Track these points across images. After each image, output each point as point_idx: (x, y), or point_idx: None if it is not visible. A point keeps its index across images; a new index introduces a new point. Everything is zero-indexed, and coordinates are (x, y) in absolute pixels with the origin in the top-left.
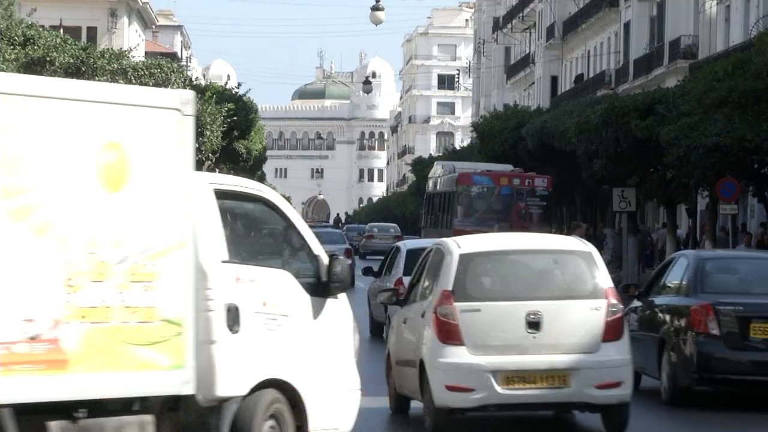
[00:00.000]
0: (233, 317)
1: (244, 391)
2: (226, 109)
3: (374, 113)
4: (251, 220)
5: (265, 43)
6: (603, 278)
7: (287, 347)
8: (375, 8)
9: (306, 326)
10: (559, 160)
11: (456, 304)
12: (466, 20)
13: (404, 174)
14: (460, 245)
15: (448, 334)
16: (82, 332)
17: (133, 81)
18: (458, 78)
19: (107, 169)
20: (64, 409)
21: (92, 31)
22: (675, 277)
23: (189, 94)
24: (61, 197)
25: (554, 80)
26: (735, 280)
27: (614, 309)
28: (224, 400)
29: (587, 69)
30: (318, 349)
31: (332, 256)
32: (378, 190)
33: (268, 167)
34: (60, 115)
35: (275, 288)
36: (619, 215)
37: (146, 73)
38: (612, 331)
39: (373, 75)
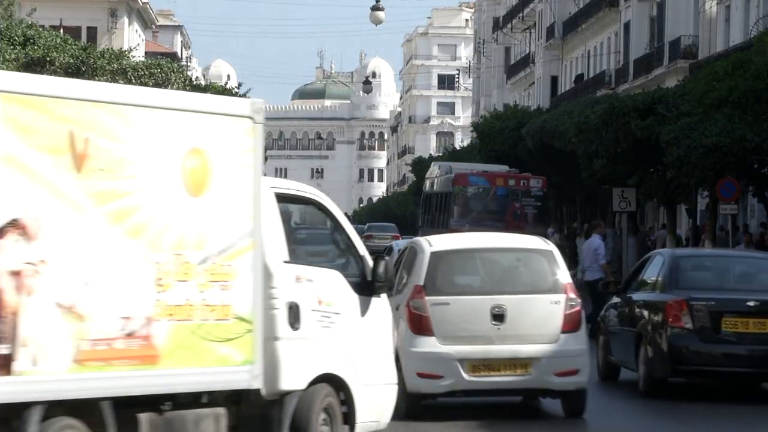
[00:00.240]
0: (294, 315)
1: (304, 386)
2: None
3: (374, 113)
4: (306, 221)
5: (265, 43)
6: (563, 275)
7: (339, 343)
8: (375, 8)
9: (354, 323)
10: (559, 160)
11: (427, 297)
12: (466, 20)
13: (404, 174)
14: (432, 244)
15: (420, 325)
16: (169, 329)
17: (133, 81)
18: (458, 78)
19: (191, 174)
20: (152, 402)
21: (92, 31)
22: (651, 274)
23: (260, 103)
24: (152, 201)
25: (554, 80)
26: (708, 276)
27: (573, 303)
28: (286, 394)
29: (587, 69)
30: (364, 346)
31: (377, 257)
32: (378, 190)
33: (268, 167)
34: (153, 123)
35: (329, 287)
36: (619, 215)
37: (146, 73)
38: (570, 323)
39: (373, 75)
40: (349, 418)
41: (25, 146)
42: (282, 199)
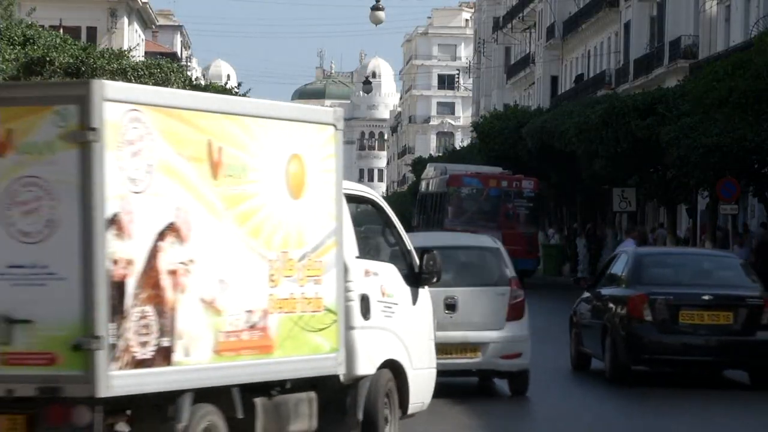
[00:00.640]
0: (366, 306)
1: (374, 371)
2: None
3: (374, 113)
4: (364, 220)
5: (265, 43)
6: (509, 270)
7: (397, 331)
8: (375, 8)
9: (406, 313)
10: (559, 160)
11: None
12: (466, 20)
13: (404, 174)
14: None
15: None
16: (279, 321)
17: (133, 81)
18: (458, 78)
19: (293, 179)
20: (264, 388)
21: (92, 31)
22: (617, 271)
23: (340, 112)
24: (267, 204)
25: (554, 80)
26: (667, 273)
27: (516, 295)
28: (359, 379)
29: (587, 69)
30: (414, 333)
31: (425, 251)
32: (378, 190)
33: None
34: (267, 132)
35: (389, 280)
36: (619, 215)
37: (146, 73)
38: (514, 313)
39: (373, 75)
40: (402, 400)
41: (177, 156)
42: (348, 199)
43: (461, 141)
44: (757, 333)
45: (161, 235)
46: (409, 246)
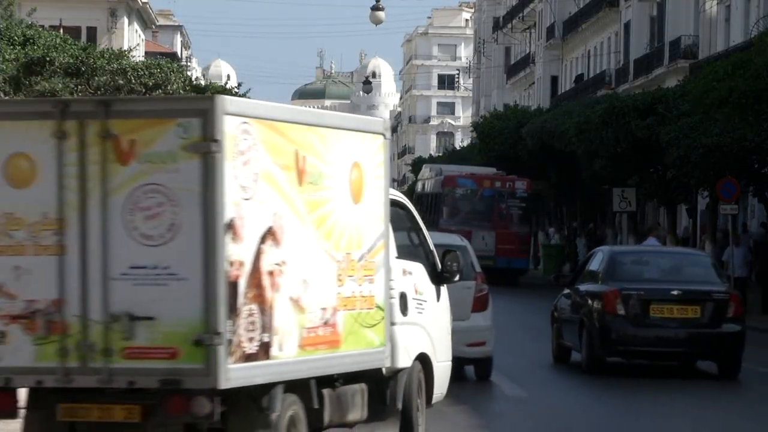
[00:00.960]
0: (404, 303)
1: (410, 364)
2: None
3: (374, 113)
4: (395, 221)
5: (265, 43)
6: (475, 266)
7: (426, 327)
8: (375, 8)
9: (432, 309)
10: (559, 160)
11: None
12: (466, 20)
13: (404, 174)
14: None
15: None
16: (344, 318)
17: (133, 81)
18: (458, 78)
19: (354, 185)
20: (329, 380)
21: (92, 31)
22: (594, 268)
23: (388, 122)
24: (337, 208)
25: (554, 80)
26: (640, 270)
27: (481, 288)
28: (399, 371)
29: (587, 69)
30: (438, 328)
31: (447, 251)
32: None
33: None
34: (337, 142)
35: (420, 278)
36: (619, 215)
37: (146, 73)
38: (479, 305)
39: (373, 75)
40: (428, 391)
41: (274, 164)
42: None
43: (461, 141)
44: (723, 325)
45: (263, 239)
46: (431, 246)
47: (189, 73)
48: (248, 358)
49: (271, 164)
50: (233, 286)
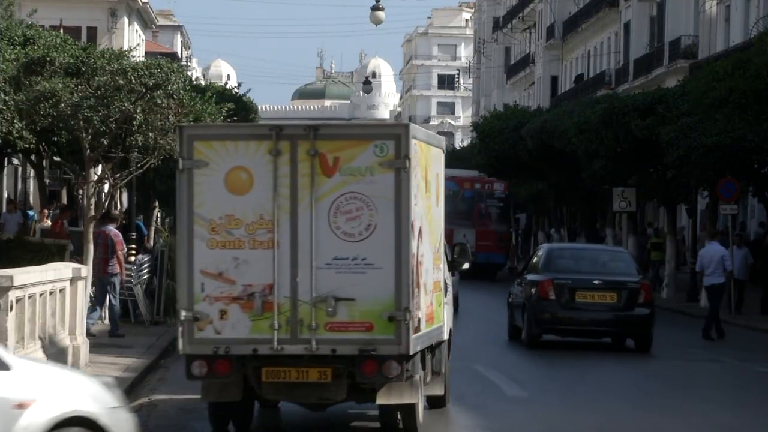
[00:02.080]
0: (446, 287)
1: (447, 337)
2: (226, 109)
3: (374, 113)
4: None
5: (265, 43)
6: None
7: (449, 306)
8: (375, 8)
9: (448, 292)
10: (559, 160)
11: None
12: (466, 20)
13: None
14: None
15: None
16: (435, 298)
17: (133, 81)
18: (458, 78)
19: (437, 190)
20: (429, 350)
21: (92, 31)
22: (536, 261)
23: (444, 140)
24: (434, 210)
25: (554, 80)
26: (570, 263)
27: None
28: (442, 342)
29: (587, 69)
30: (449, 308)
31: (456, 244)
32: None
33: None
34: (434, 155)
35: (446, 266)
36: (619, 215)
37: (146, 73)
38: None
39: (373, 75)
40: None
41: (420, 176)
42: None
43: (461, 141)
44: (636, 309)
45: (419, 236)
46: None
47: (189, 73)
48: (416, 330)
49: (420, 176)
50: (414, 273)
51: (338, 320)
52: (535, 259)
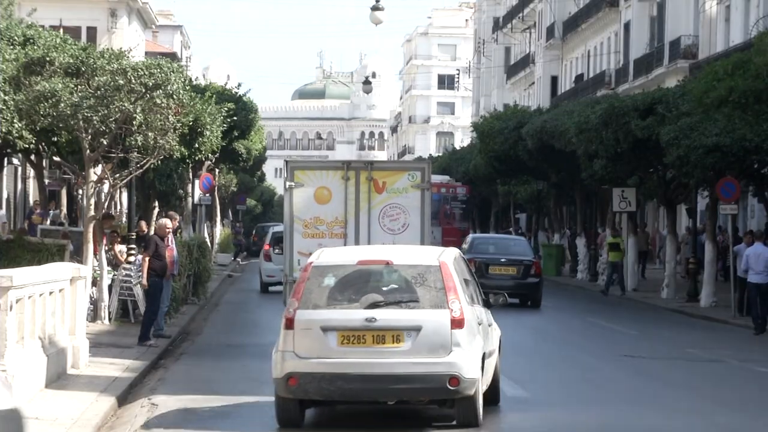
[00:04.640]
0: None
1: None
2: (226, 109)
3: (374, 113)
4: None
5: (265, 43)
6: None
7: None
8: (375, 8)
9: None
10: (559, 160)
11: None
12: (466, 20)
13: None
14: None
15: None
16: None
17: (133, 81)
18: (458, 78)
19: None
20: None
21: (92, 31)
22: (465, 246)
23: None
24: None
25: (554, 80)
26: (486, 247)
27: None
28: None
29: (587, 69)
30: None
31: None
32: None
33: (267, 167)
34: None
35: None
36: (619, 215)
37: (146, 73)
38: None
39: (373, 75)
40: None
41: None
42: None
43: (461, 141)
44: (528, 278)
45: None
46: None
47: (189, 73)
48: None
49: (427, 201)
50: None
51: None
52: (465, 246)
